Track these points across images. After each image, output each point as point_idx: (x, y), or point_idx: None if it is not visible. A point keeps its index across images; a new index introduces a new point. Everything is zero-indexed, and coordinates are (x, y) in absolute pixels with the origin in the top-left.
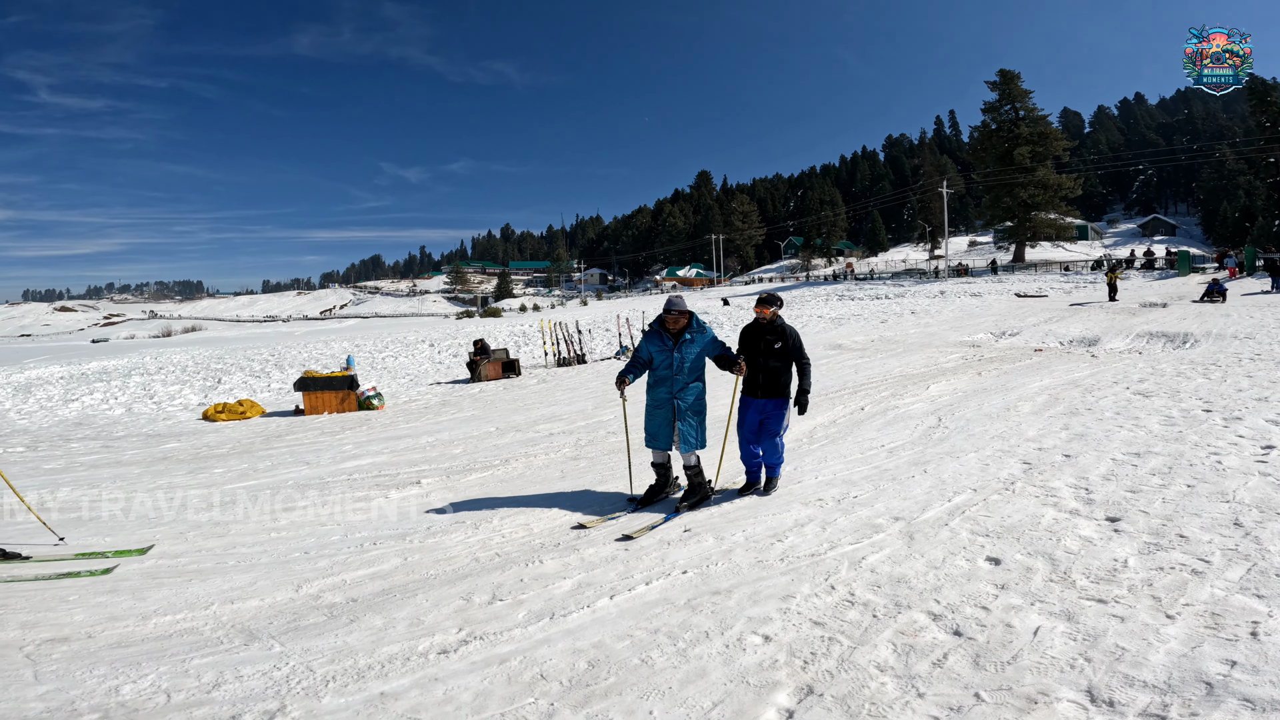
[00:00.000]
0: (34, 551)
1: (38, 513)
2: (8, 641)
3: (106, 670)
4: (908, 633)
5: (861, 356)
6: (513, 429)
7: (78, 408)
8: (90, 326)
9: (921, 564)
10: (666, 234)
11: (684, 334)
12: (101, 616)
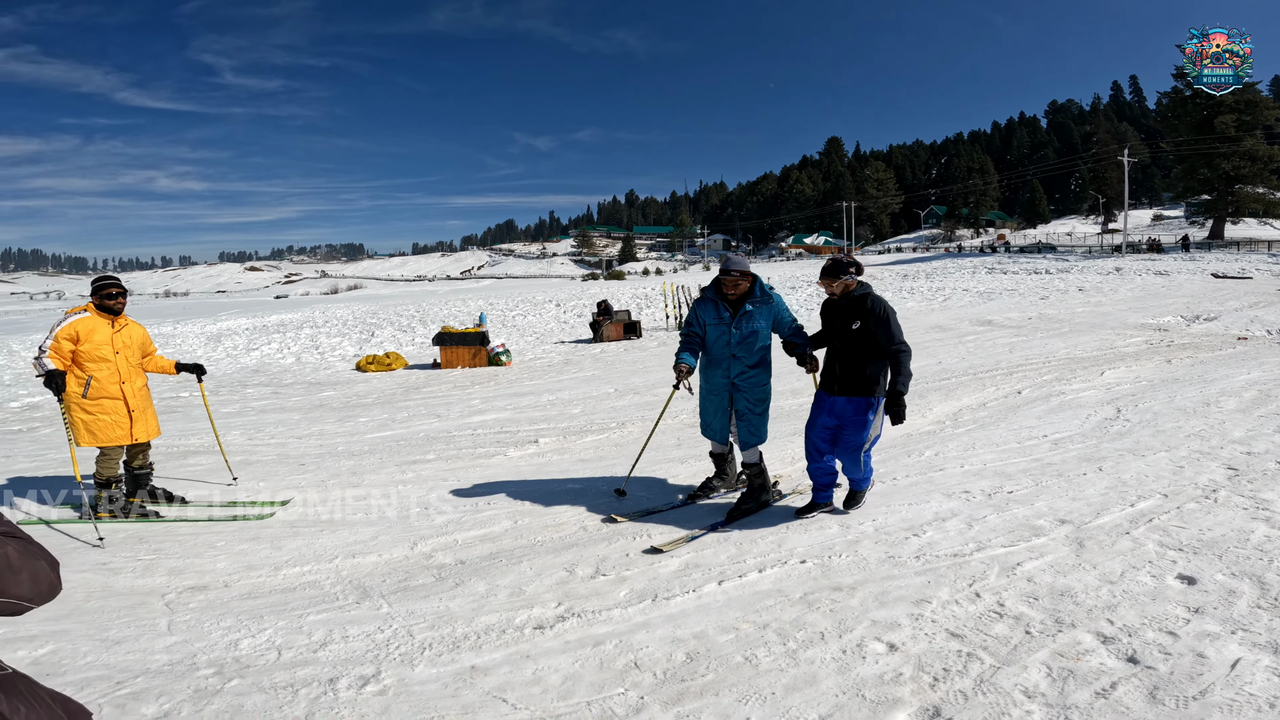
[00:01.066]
0: (199, 495)
1: (225, 454)
2: (153, 589)
3: (232, 623)
4: (1068, 655)
5: (1017, 335)
6: (631, 391)
7: (257, 356)
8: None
9: (1093, 577)
10: (793, 200)
11: (744, 303)
12: (240, 565)
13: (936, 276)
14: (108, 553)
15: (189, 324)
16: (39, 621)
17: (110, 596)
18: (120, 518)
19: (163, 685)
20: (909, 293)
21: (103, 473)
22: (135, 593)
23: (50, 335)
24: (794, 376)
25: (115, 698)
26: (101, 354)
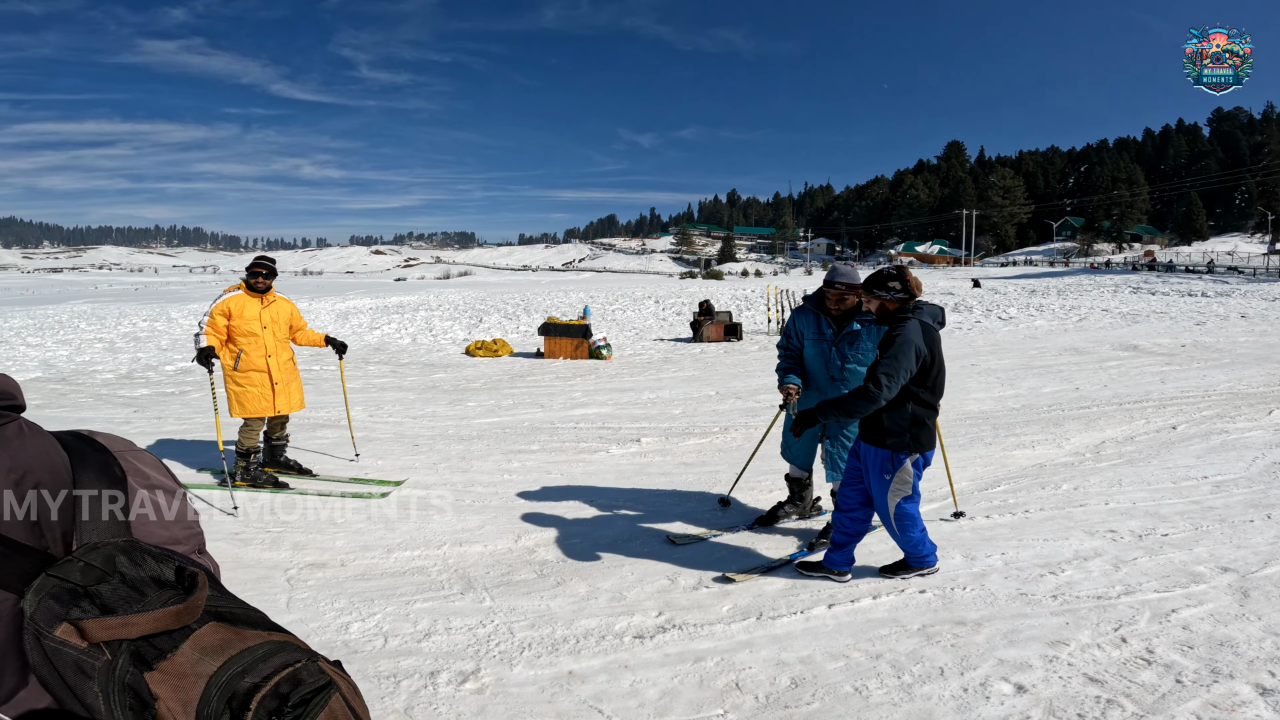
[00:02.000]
0: (324, 469)
1: (353, 430)
2: (277, 563)
3: (345, 604)
4: (1222, 707)
5: (1169, 363)
6: (733, 395)
7: (378, 335)
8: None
9: (1257, 628)
10: (906, 206)
11: (852, 320)
12: (357, 545)
13: (1070, 294)
14: (240, 522)
15: (321, 301)
16: None
17: (240, 568)
18: (255, 487)
19: None
20: (1038, 310)
21: (244, 442)
22: (262, 565)
23: (207, 312)
24: None
25: None
26: (250, 329)
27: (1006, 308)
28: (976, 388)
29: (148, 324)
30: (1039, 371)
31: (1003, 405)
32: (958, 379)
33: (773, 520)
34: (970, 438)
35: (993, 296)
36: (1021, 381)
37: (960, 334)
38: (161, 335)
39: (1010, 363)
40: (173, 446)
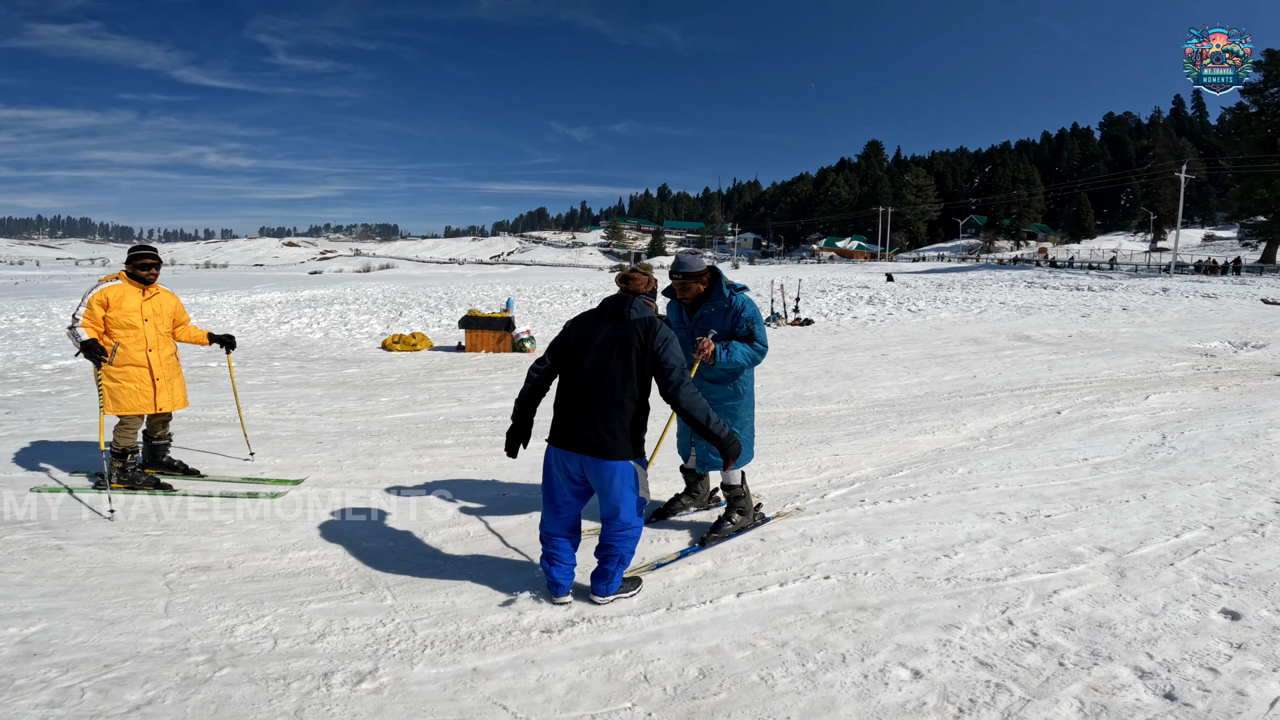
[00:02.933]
0: (215, 469)
1: (246, 429)
2: (155, 567)
3: (231, 607)
4: (1103, 690)
5: (1056, 352)
6: None
7: (287, 330)
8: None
9: (1134, 608)
10: (828, 203)
11: (700, 307)
12: (247, 546)
13: (973, 288)
14: (115, 526)
15: (225, 295)
16: (34, 598)
17: (111, 573)
18: (133, 489)
19: (150, 671)
20: (943, 302)
21: (119, 442)
22: (137, 570)
23: (83, 302)
24: (823, 382)
25: (100, 682)
26: (130, 321)
27: (916, 300)
28: (885, 377)
29: (25, 320)
30: (942, 361)
31: (908, 393)
32: (868, 368)
33: (670, 512)
34: (877, 424)
35: (904, 290)
36: (926, 370)
37: (874, 325)
38: (40, 332)
39: (917, 352)
40: (46, 449)
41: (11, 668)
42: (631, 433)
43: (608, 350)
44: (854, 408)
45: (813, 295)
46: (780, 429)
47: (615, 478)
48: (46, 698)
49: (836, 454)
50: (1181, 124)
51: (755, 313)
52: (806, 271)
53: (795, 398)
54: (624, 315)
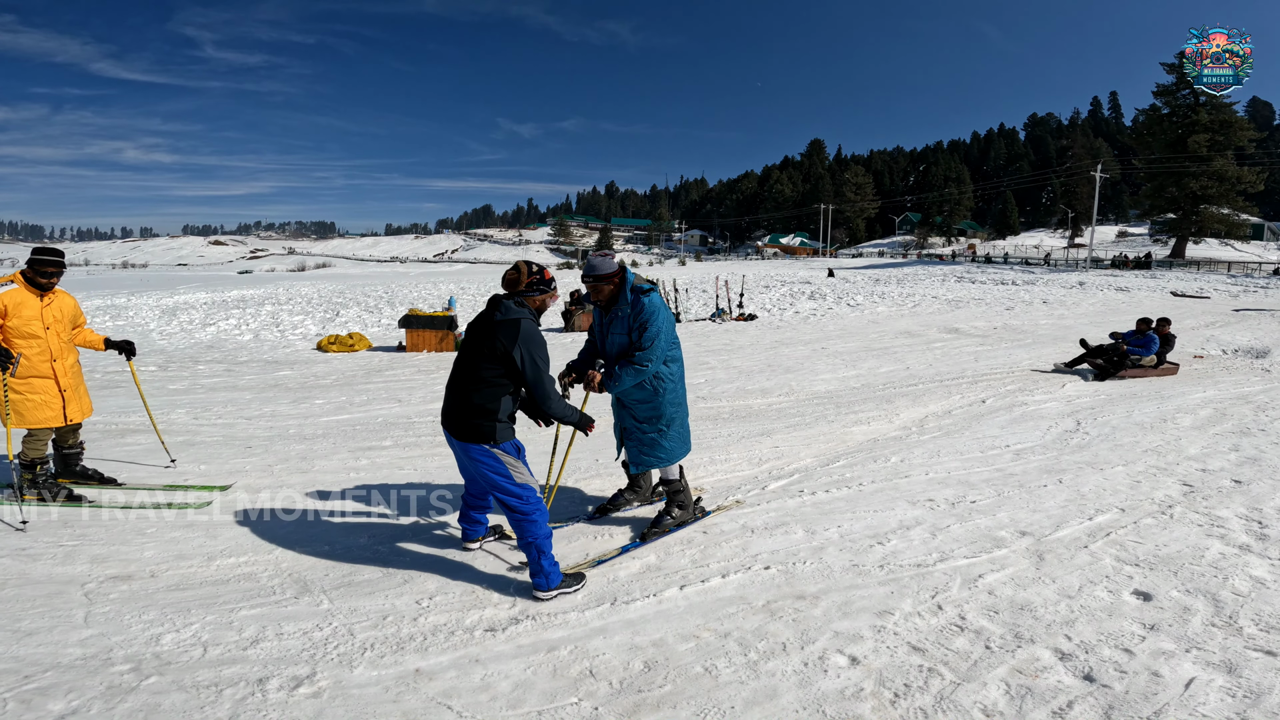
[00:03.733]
0: (134, 477)
1: (161, 435)
2: (72, 577)
3: (156, 615)
4: (1027, 672)
5: (982, 344)
6: None
7: (213, 332)
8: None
9: (1052, 591)
10: (772, 200)
11: (613, 308)
12: (170, 554)
13: (908, 283)
14: (28, 537)
15: (144, 296)
16: None
17: (26, 585)
18: (46, 501)
19: (73, 681)
20: (880, 297)
21: (28, 454)
22: (53, 581)
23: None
24: (765, 375)
25: (21, 693)
26: (31, 330)
27: (855, 295)
28: (824, 369)
29: None
30: (878, 353)
31: (846, 385)
32: (808, 362)
33: (614, 508)
34: (816, 416)
35: (844, 285)
36: (863, 363)
37: (815, 320)
38: None
39: (855, 345)
40: None
41: None
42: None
43: (472, 347)
44: (794, 400)
45: (757, 291)
46: (723, 423)
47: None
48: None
49: (777, 446)
50: (1099, 124)
51: (651, 316)
52: (751, 268)
53: (738, 391)
54: (490, 317)
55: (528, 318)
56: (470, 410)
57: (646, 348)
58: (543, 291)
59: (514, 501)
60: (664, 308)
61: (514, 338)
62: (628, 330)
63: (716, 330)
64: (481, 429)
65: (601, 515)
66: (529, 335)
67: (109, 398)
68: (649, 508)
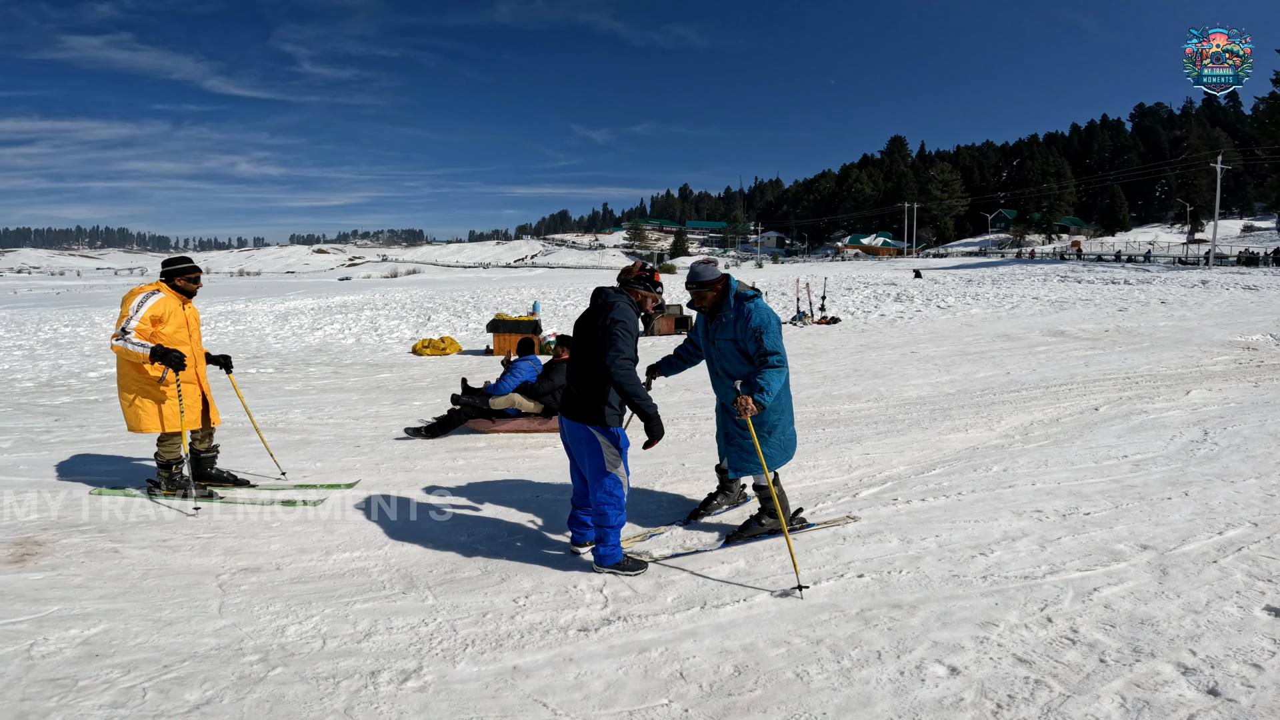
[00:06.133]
0: (259, 480)
1: (268, 444)
2: (208, 568)
3: (281, 607)
4: (1145, 686)
5: (1092, 348)
6: (682, 387)
7: (320, 336)
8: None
9: (1176, 605)
10: (852, 200)
11: (718, 315)
12: (293, 548)
13: (1004, 283)
14: (168, 529)
15: (259, 302)
16: (94, 599)
17: (167, 575)
18: (183, 497)
19: (208, 671)
20: (973, 298)
21: (164, 455)
22: (191, 572)
23: (136, 316)
24: (852, 380)
25: (160, 682)
26: (179, 337)
27: (945, 297)
28: (915, 374)
29: (70, 329)
30: (974, 358)
31: (939, 391)
32: (897, 366)
33: (704, 512)
34: (909, 423)
35: (932, 286)
36: (957, 367)
37: (902, 323)
38: (84, 341)
39: (948, 349)
40: (94, 456)
41: (75, 669)
42: (598, 402)
43: (581, 337)
44: (884, 406)
45: (839, 293)
46: (809, 428)
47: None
48: (110, 698)
49: (868, 453)
50: (1215, 114)
51: (764, 320)
52: (831, 269)
53: (824, 397)
54: (595, 305)
55: (625, 301)
56: (583, 393)
57: (773, 350)
58: (647, 288)
59: (602, 486)
60: (771, 312)
61: (608, 313)
62: (734, 336)
63: (798, 334)
64: (591, 411)
65: (694, 519)
66: (624, 311)
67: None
68: (738, 510)
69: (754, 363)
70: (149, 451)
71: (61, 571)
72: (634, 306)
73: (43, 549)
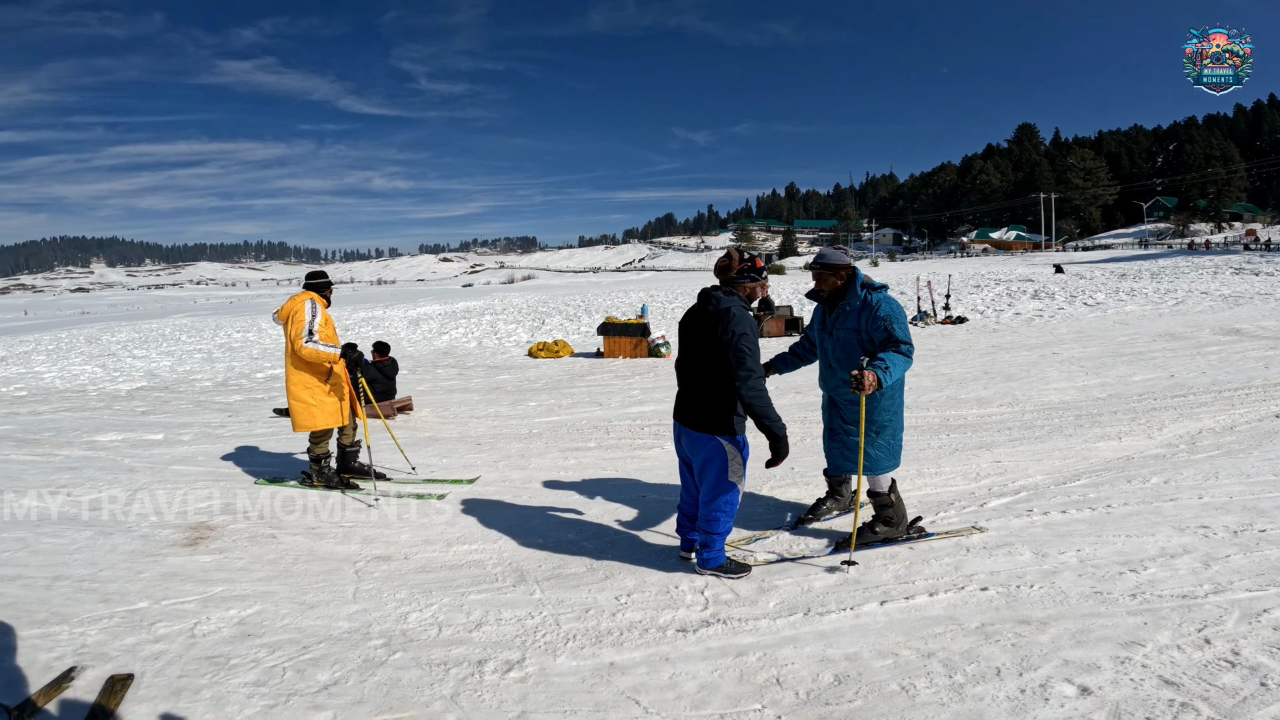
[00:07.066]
0: (393, 474)
1: (400, 443)
2: (347, 555)
3: (406, 595)
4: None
5: (1275, 348)
6: (792, 389)
7: (447, 340)
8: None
9: None
10: (977, 192)
11: (839, 304)
12: (419, 539)
13: (1165, 277)
14: (317, 518)
15: (394, 309)
16: (253, 581)
17: (314, 561)
18: (329, 488)
19: (339, 653)
20: (1128, 294)
21: (315, 450)
22: (334, 558)
23: (314, 321)
24: (981, 383)
25: (299, 662)
26: (334, 340)
27: (1093, 293)
28: (1058, 377)
29: (241, 335)
30: (1129, 359)
31: (1087, 395)
32: (1037, 368)
33: (813, 517)
34: (1049, 429)
35: (1077, 282)
36: (1109, 370)
37: (1040, 322)
38: (253, 345)
39: (1097, 350)
40: (259, 450)
41: (229, 647)
42: (721, 410)
43: (691, 341)
44: (1019, 411)
45: (965, 291)
46: (931, 434)
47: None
48: (254, 677)
49: (999, 460)
50: None
51: (893, 311)
52: (957, 266)
53: (949, 400)
54: (704, 310)
55: (738, 304)
56: (706, 402)
57: (905, 339)
58: (753, 279)
59: (721, 495)
60: (899, 304)
61: (726, 324)
62: (856, 326)
63: (919, 335)
64: (719, 421)
65: (802, 524)
66: (739, 318)
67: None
68: (848, 516)
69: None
70: (303, 446)
71: (228, 555)
72: (746, 304)
73: (214, 534)
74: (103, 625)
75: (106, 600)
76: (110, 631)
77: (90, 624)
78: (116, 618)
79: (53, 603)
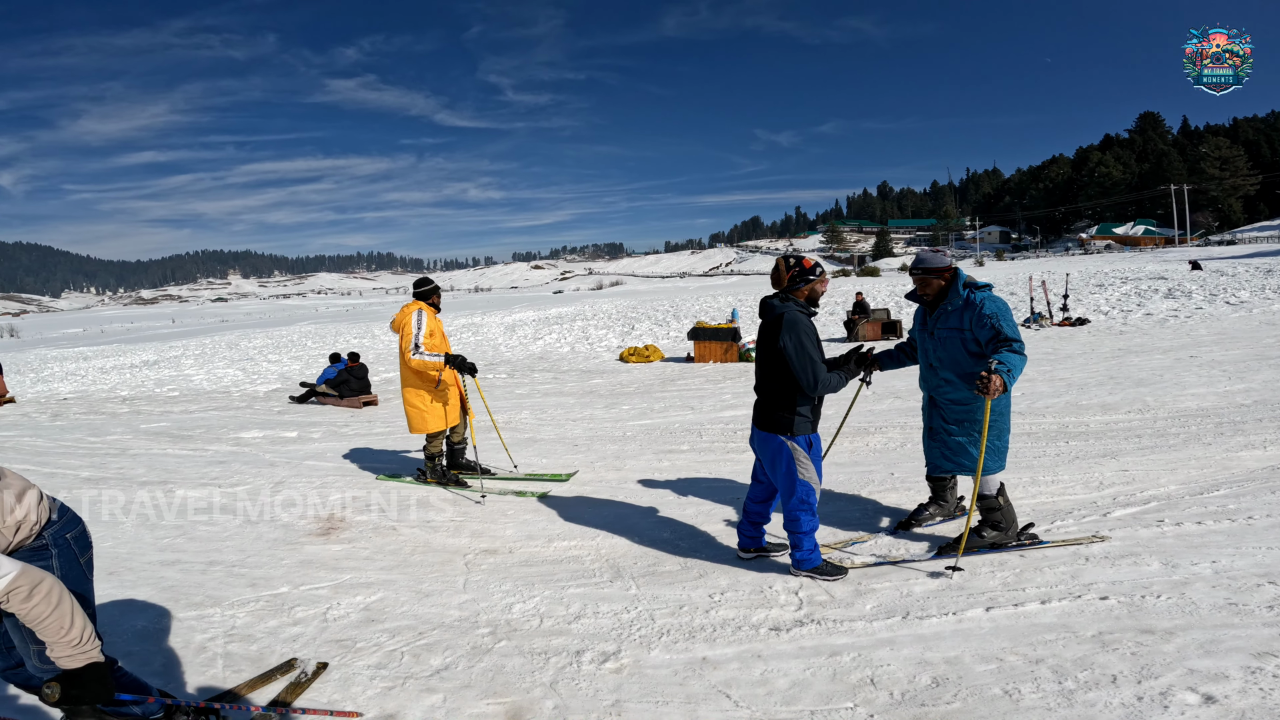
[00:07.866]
0: (498, 470)
1: (505, 442)
2: (458, 548)
3: (511, 586)
4: None
5: None
6: (891, 394)
7: (541, 345)
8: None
9: None
10: (1095, 185)
11: (940, 304)
12: (523, 534)
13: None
14: (433, 511)
15: (492, 315)
16: (376, 570)
17: (429, 552)
18: (441, 484)
19: (450, 640)
20: (1276, 291)
21: (430, 449)
22: (446, 550)
23: (420, 332)
24: (1106, 389)
25: (415, 647)
26: (444, 346)
27: (1236, 291)
28: (1195, 382)
29: (357, 340)
30: (1278, 363)
31: (1229, 401)
32: (1172, 372)
33: (915, 523)
34: (1185, 437)
35: (1217, 279)
36: (1255, 374)
37: (1175, 323)
38: (368, 350)
39: (1241, 353)
40: (378, 448)
41: (355, 631)
42: (785, 411)
43: (761, 348)
44: (1150, 418)
45: (1085, 291)
46: (1047, 441)
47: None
48: (376, 660)
49: (1125, 469)
50: None
51: (998, 308)
52: (1075, 264)
53: (1067, 406)
54: (765, 319)
55: (793, 310)
56: (769, 403)
57: (1015, 336)
58: (807, 281)
59: (794, 493)
60: (1004, 301)
61: (779, 330)
62: (959, 325)
63: (1034, 337)
64: (778, 420)
65: (903, 530)
66: (792, 322)
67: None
68: (951, 522)
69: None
70: (418, 445)
71: (355, 545)
72: (804, 309)
73: (343, 525)
74: (250, 608)
75: (254, 585)
76: (256, 614)
77: (239, 606)
78: (261, 601)
79: (207, 586)
